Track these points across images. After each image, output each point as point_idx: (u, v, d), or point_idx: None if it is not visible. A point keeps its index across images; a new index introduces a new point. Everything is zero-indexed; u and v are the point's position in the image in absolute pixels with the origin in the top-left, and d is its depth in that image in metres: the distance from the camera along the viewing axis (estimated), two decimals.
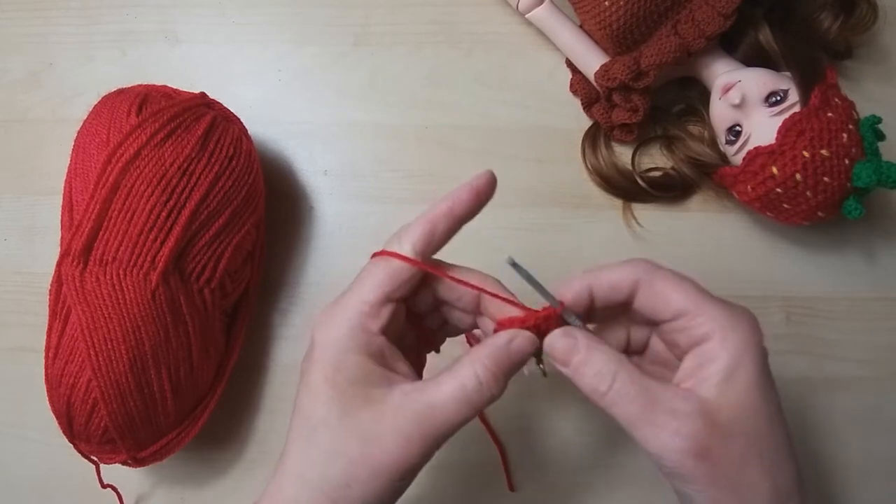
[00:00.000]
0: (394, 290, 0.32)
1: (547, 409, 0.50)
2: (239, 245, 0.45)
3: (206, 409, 0.46)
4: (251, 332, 0.50)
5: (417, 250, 0.32)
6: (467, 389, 0.31)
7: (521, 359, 0.32)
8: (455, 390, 0.31)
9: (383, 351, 0.32)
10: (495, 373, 0.31)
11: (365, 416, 0.31)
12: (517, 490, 0.49)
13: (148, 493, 0.50)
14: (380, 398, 0.31)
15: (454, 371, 0.31)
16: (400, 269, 0.32)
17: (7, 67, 0.57)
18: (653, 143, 0.53)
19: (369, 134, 0.54)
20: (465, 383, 0.31)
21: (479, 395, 0.31)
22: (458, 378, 0.31)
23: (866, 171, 0.42)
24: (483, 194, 0.33)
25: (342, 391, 0.31)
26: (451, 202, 0.33)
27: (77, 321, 0.40)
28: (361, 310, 0.32)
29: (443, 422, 0.31)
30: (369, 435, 0.30)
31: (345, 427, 0.31)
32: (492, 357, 0.31)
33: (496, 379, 0.31)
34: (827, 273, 0.51)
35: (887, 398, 0.50)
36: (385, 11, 0.56)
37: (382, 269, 0.32)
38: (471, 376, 0.31)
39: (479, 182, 0.33)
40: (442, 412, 0.30)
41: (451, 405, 0.31)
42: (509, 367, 0.32)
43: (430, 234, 0.33)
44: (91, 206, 0.41)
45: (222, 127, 0.45)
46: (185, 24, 0.56)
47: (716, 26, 0.46)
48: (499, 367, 0.31)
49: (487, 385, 0.31)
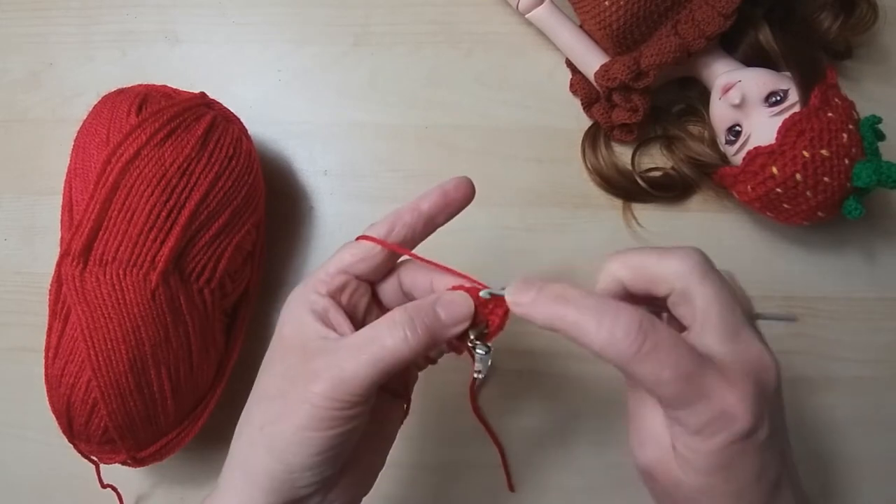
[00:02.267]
0: (352, 263, 0.34)
1: (547, 408, 0.50)
2: (239, 245, 0.45)
3: (206, 409, 0.46)
4: (251, 332, 0.50)
5: (381, 234, 0.34)
6: (380, 329, 0.30)
7: (449, 315, 0.32)
8: (368, 330, 0.31)
9: (327, 311, 0.33)
10: (412, 316, 0.31)
11: (292, 361, 0.32)
12: (517, 490, 0.49)
13: (148, 493, 0.50)
14: (309, 347, 0.31)
15: (378, 320, 0.31)
16: (361, 248, 0.34)
17: (7, 67, 0.57)
18: (653, 143, 0.53)
19: (369, 134, 0.54)
20: (379, 323, 0.31)
21: (391, 334, 0.30)
22: (377, 323, 0.31)
23: (866, 171, 0.42)
24: (452, 197, 0.34)
25: (283, 343, 0.33)
26: (418, 199, 0.35)
27: (77, 321, 0.40)
28: (318, 277, 0.34)
29: (351, 360, 0.30)
30: (288, 376, 0.31)
31: (273, 371, 0.32)
32: (415, 305, 0.32)
33: (412, 322, 0.30)
34: (827, 273, 0.51)
35: (887, 398, 0.50)
36: (385, 11, 0.56)
37: (347, 247, 0.35)
38: (387, 319, 0.31)
39: (449, 185, 0.35)
40: (351, 350, 0.30)
41: (361, 343, 0.30)
42: (432, 318, 0.31)
43: (393, 222, 0.34)
44: (91, 206, 0.41)
45: (222, 127, 0.45)
46: (185, 24, 0.56)
47: (716, 26, 0.46)
48: (418, 312, 0.31)
49: (401, 325, 0.30)
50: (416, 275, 0.35)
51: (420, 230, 0.34)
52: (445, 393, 0.49)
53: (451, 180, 0.35)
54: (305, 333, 0.32)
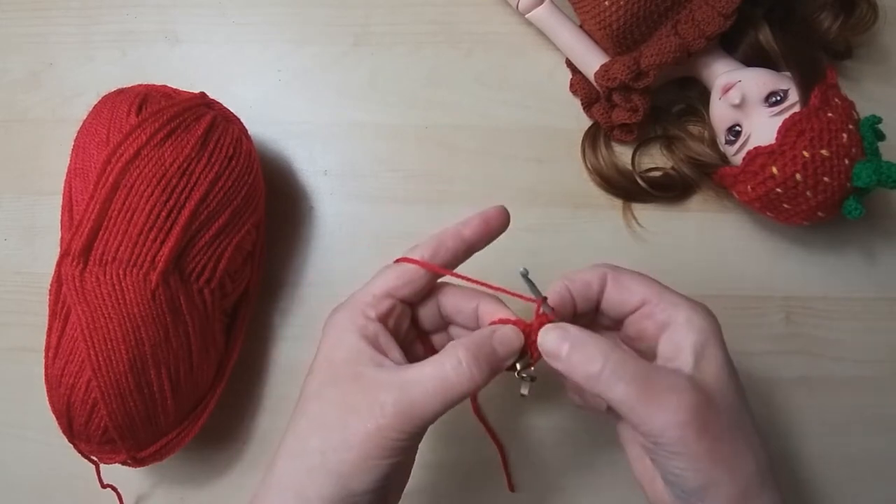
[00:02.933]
0: (397, 287, 0.35)
1: (547, 408, 0.50)
2: (239, 245, 0.45)
3: (206, 409, 0.46)
4: (251, 332, 0.50)
5: (424, 258, 0.35)
6: (447, 371, 0.31)
7: (504, 350, 0.33)
8: (435, 371, 0.32)
9: (378, 336, 0.34)
10: (476, 356, 0.32)
11: (349, 388, 0.32)
12: (517, 490, 0.49)
13: (148, 493, 0.50)
14: (366, 374, 0.32)
15: (437, 356, 0.33)
16: (406, 270, 0.35)
17: (7, 67, 0.57)
18: (653, 143, 0.53)
19: (369, 134, 0.54)
20: (445, 365, 0.32)
21: (458, 375, 0.31)
22: (440, 358, 0.32)
23: (866, 171, 0.42)
24: (493, 223, 0.36)
25: (335, 368, 0.33)
26: (461, 226, 0.36)
27: (77, 321, 0.40)
28: (364, 300, 0.35)
29: (420, 397, 0.31)
30: (348, 404, 0.32)
31: (328, 398, 0.32)
32: (474, 342, 0.33)
33: (477, 363, 0.32)
34: (827, 273, 0.51)
35: (887, 398, 0.50)
36: (385, 11, 0.56)
37: (391, 270, 0.36)
38: (451, 356, 0.32)
39: (490, 213, 0.36)
40: (420, 389, 0.31)
41: (429, 384, 0.31)
42: (491, 355, 0.33)
43: (437, 248, 0.35)
44: (91, 206, 0.41)
45: (222, 127, 0.45)
46: (185, 24, 0.56)
47: (716, 26, 0.46)
48: (480, 351, 0.32)
49: (468, 366, 0.32)
50: (458, 300, 0.37)
51: (461, 256, 0.36)
52: None
53: (492, 209, 0.36)
54: (360, 360, 0.33)
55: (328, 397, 0.33)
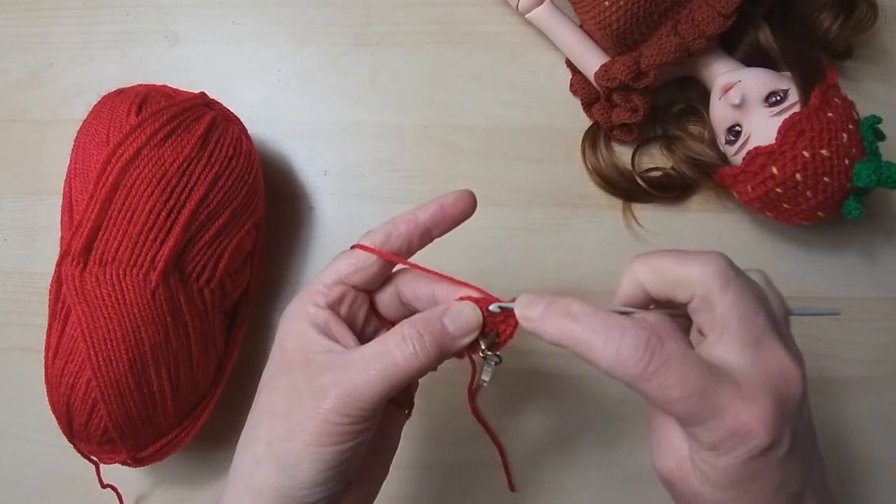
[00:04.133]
0: (347, 274, 0.34)
1: (546, 408, 0.50)
2: (239, 245, 0.45)
3: (206, 409, 0.46)
4: (251, 332, 0.50)
5: (376, 243, 0.34)
6: (390, 345, 0.30)
7: (456, 326, 0.31)
8: (377, 345, 0.31)
9: (328, 323, 0.33)
10: (422, 332, 0.30)
11: (297, 376, 0.31)
12: (517, 490, 0.49)
13: (148, 493, 0.50)
14: (313, 361, 0.31)
15: (384, 335, 0.31)
16: (357, 257, 0.34)
17: (7, 67, 0.57)
18: (653, 143, 0.53)
19: (369, 134, 0.54)
20: (388, 339, 0.31)
21: (402, 353, 0.30)
22: (385, 337, 0.31)
23: (866, 171, 0.42)
24: (450, 210, 0.34)
25: (286, 357, 0.32)
26: (416, 209, 0.34)
27: (77, 321, 0.40)
28: (314, 288, 0.33)
29: (362, 377, 0.30)
30: (294, 391, 0.31)
31: (277, 386, 0.32)
32: (422, 318, 0.31)
33: (421, 338, 0.30)
34: (827, 273, 0.51)
35: (887, 398, 0.50)
36: (385, 11, 0.56)
37: (342, 257, 0.34)
38: (396, 333, 0.31)
39: (447, 199, 0.34)
40: (360, 366, 0.30)
41: (371, 362, 0.30)
42: (440, 332, 0.31)
43: (389, 232, 0.34)
44: (91, 206, 0.41)
45: (222, 127, 0.45)
46: (185, 24, 0.56)
47: (716, 26, 0.46)
48: (426, 326, 0.31)
49: (412, 343, 0.30)
50: (415, 285, 0.35)
51: (416, 241, 0.34)
52: (446, 393, 0.49)
53: (451, 194, 0.34)
54: (309, 347, 0.32)
55: (277, 386, 0.32)
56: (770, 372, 0.28)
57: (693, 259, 0.29)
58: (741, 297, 0.28)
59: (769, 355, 0.28)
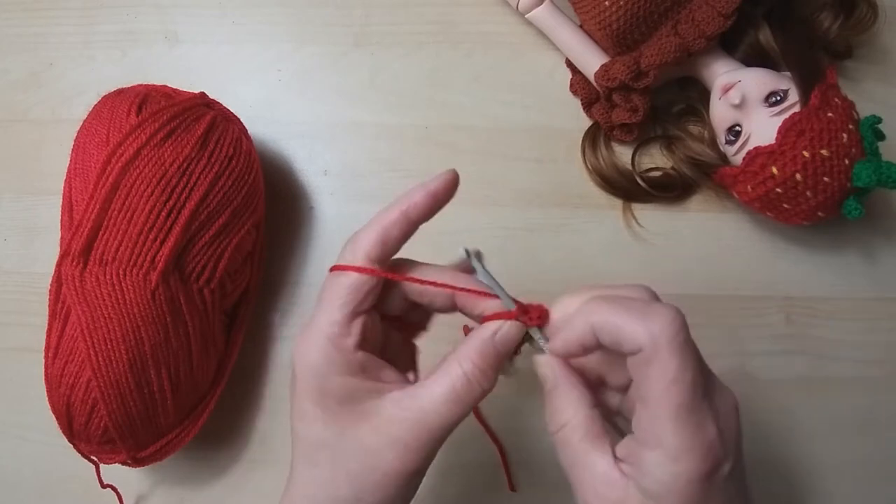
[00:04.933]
0: (358, 304, 0.31)
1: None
2: (239, 245, 0.45)
3: (206, 409, 0.46)
4: (251, 332, 0.50)
5: (372, 258, 0.31)
6: (457, 389, 0.31)
7: (506, 348, 0.32)
8: (445, 392, 0.31)
9: (365, 365, 0.31)
10: (483, 368, 0.31)
11: (361, 431, 0.31)
12: (517, 490, 0.49)
13: (148, 493, 0.50)
14: (373, 411, 0.31)
15: (442, 371, 0.31)
16: (359, 282, 0.31)
17: (7, 67, 0.57)
18: (653, 143, 0.53)
19: (369, 134, 0.54)
20: (454, 383, 0.31)
21: (470, 392, 0.31)
22: (448, 378, 0.31)
23: (866, 171, 0.42)
24: (440, 197, 0.32)
25: (334, 412, 0.31)
26: (405, 206, 0.32)
27: (77, 321, 0.40)
28: (332, 331, 0.31)
29: (437, 425, 0.31)
30: (368, 448, 0.31)
31: (344, 445, 0.31)
32: (478, 351, 0.31)
33: (484, 373, 0.31)
34: (827, 273, 0.51)
35: (887, 398, 0.50)
36: (385, 11, 0.56)
37: (343, 285, 0.31)
38: (459, 375, 0.31)
39: (435, 184, 0.32)
40: (435, 416, 0.31)
41: (443, 407, 0.31)
42: (496, 359, 0.32)
43: (384, 241, 0.32)
44: (91, 206, 0.41)
45: (222, 127, 0.45)
46: (185, 24, 0.56)
47: (716, 26, 0.46)
48: (485, 360, 0.31)
49: (477, 381, 0.31)
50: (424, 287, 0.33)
51: (407, 238, 0.33)
52: None
53: (438, 179, 0.32)
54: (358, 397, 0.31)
55: (342, 446, 0.31)
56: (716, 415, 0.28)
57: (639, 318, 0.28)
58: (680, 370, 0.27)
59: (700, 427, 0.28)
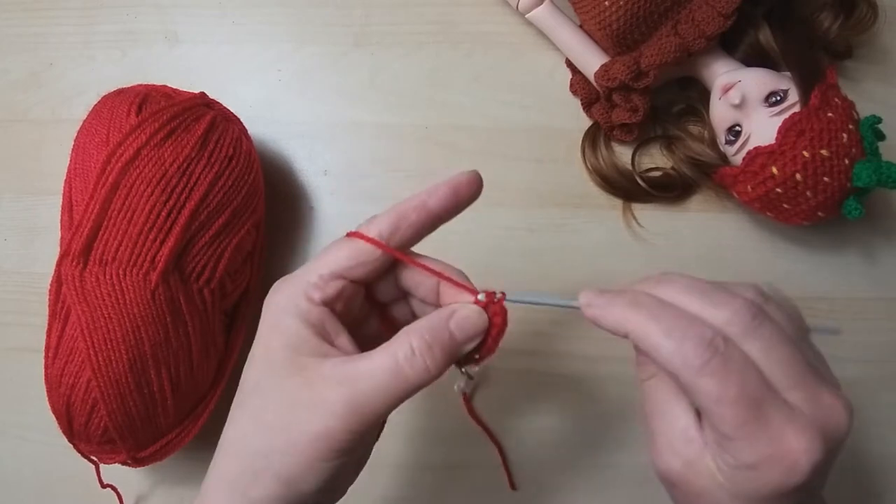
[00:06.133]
0: (349, 267, 0.31)
1: (546, 408, 0.50)
2: (239, 245, 0.45)
3: (206, 408, 0.46)
4: (251, 332, 0.50)
5: (383, 236, 0.31)
6: (398, 358, 0.29)
7: (463, 334, 0.30)
8: (385, 359, 0.29)
9: (323, 323, 0.30)
10: (430, 343, 0.29)
11: (291, 383, 0.29)
12: (517, 489, 0.49)
13: (148, 493, 0.50)
14: (310, 367, 0.29)
15: (390, 343, 0.30)
16: (360, 250, 0.31)
17: (7, 67, 0.57)
18: (653, 143, 0.53)
19: (369, 134, 0.54)
20: (396, 352, 0.29)
21: (413, 367, 0.29)
22: (391, 347, 0.29)
23: (866, 171, 0.42)
24: (463, 193, 0.32)
25: (275, 358, 0.30)
26: (425, 195, 0.31)
27: (77, 321, 0.40)
28: (308, 279, 0.30)
29: (371, 393, 0.28)
30: (292, 403, 0.29)
31: (269, 393, 0.30)
32: (430, 327, 0.30)
33: (431, 351, 0.29)
34: (827, 273, 0.51)
35: (887, 398, 0.50)
36: (385, 11, 0.56)
37: (344, 247, 0.31)
38: (404, 344, 0.29)
39: (458, 180, 0.32)
40: (369, 382, 0.28)
41: (379, 375, 0.28)
42: (450, 342, 0.30)
43: (397, 222, 0.31)
44: (91, 206, 0.41)
45: (222, 127, 0.45)
46: (185, 24, 0.56)
47: (716, 26, 0.46)
48: (435, 336, 0.29)
49: (422, 357, 0.29)
50: (419, 275, 0.32)
51: (425, 229, 0.32)
52: (445, 393, 0.49)
53: (463, 176, 0.32)
54: (301, 349, 0.30)
55: (269, 392, 0.30)
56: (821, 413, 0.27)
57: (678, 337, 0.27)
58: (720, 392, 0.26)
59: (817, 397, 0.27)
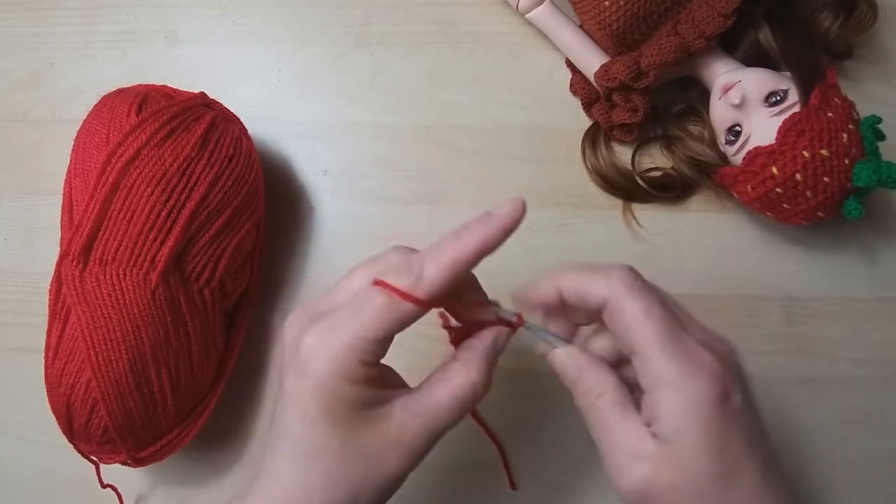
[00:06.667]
0: (398, 329, 0.31)
1: (546, 408, 0.50)
2: (239, 245, 0.45)
3: (206, 409, 0.46)
4: (251, 332, 0.50)
5: (436, 295, 0.30)
6: (464, 395, 0.32)
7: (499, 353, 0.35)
8: (451, 397, 0.32)
9: (379, 375, 0.32)
10: (487, 374, 0.33)
11: (367, 437, 0.31)
12: (518, 489, 0.49)
13: (148, 493, 0.50)
14: (380, 416, 0.32)
15: (448, 377, 0.33)
16: (411, 314, 0.30)
17: (7, 67, 0.57)
18: (653, 143, 0.53)
19: (369, 134, 0.54)
20: (460, 390, 0.32)
21: (473, 398, 0.33)
22: (453, 384, 0.33)
23: (866, 171, 0.42)
24: (514, 228, 0.32)
25: (343, 419, 0.31)
26: (481, 242, 0.30)
27: (77, 321, 0.40)
28: (359, 346, 0.30)
29: (441, 429, 0.33)
30: (373, 453, 0.31)
31: (348, 451, 0.31)
32: (485, 360, 0.33)
33: (488, 380, 0.33)
34: (827, 273, 0.51)
35: (887, 398, 0.50)
36: (385, 11, 0.56)
37: (391, 310, 0.30)
38: (466, 383, 0.33)
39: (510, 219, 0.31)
40: (440, 421, 0.32)
41: (447, 413, 0.32)
42: (494, 366, 0.34)
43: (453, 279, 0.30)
44: (91, 206, 0.41)
45: (222, 127, 0.45)
46: (185, 24, 0.56)
47: (716, 26, 0.46)
48: (490, 368, 0.34)
49: (482, 387, 0.33)
50: None
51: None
52: None
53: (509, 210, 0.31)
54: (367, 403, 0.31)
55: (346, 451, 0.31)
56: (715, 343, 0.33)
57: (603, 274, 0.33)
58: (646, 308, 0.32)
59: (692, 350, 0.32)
